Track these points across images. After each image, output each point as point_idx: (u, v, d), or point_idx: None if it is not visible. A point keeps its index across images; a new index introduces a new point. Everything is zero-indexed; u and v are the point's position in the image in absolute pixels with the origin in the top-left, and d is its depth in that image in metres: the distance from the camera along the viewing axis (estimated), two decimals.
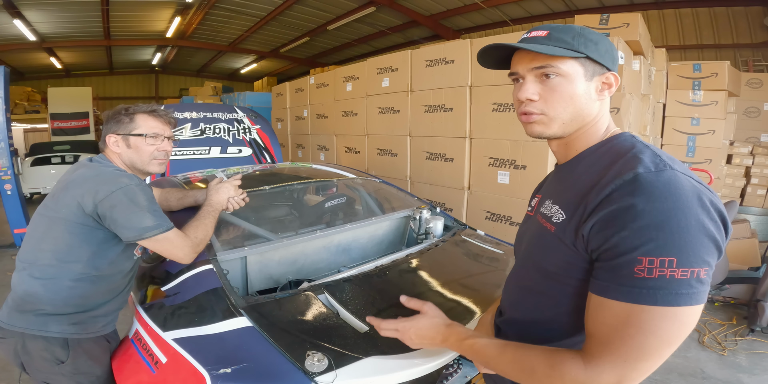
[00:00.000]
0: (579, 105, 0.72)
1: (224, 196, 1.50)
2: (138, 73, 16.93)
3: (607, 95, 0.74)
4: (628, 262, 0.57)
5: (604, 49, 0.72)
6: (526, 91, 0.73)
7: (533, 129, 0.75)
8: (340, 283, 1.44)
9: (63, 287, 1.17)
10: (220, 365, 1.01)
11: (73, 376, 1.19)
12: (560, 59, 0.70)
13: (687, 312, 0.56)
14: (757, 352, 2.60)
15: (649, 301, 0.55)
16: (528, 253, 0.81)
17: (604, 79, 0.73)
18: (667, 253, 0.55)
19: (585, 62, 0.71)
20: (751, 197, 4.64)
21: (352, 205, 2.42)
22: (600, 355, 0.59)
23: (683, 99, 4.09)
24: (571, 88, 0.71)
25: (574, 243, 0.67)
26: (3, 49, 10.72)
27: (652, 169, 0.60)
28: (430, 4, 8.87)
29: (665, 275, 0.55)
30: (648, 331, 0.56)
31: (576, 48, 0.70)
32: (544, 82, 0.72)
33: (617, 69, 0.75)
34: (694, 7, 7.14)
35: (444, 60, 3.24)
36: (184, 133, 3.06)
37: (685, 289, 0.55)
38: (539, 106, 0.73)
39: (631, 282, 0.57)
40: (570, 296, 0.72)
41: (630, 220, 0.57)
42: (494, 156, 2.97)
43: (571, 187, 0.72)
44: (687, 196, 0.57)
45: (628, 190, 0.59)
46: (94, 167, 1.24)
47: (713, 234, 0.56)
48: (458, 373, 1.26)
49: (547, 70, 0.71)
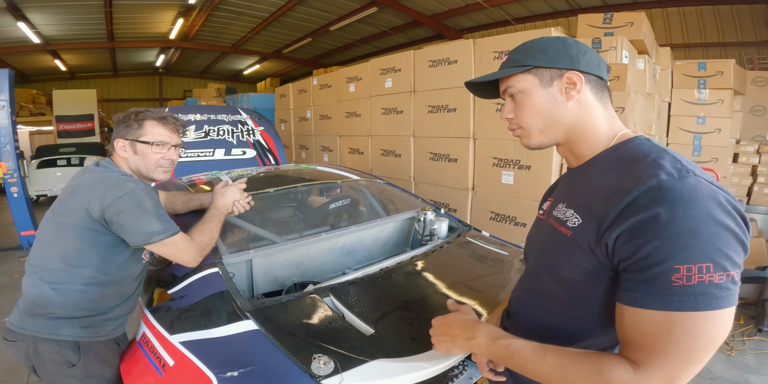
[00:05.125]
0: (546, 112, 0.76)
1: (230, 199, 1.51)
2: (142, 74, 17.03)
3: (576, 94, 0.74)
4: (665, 272, 0.57)
5: (555, 52, 0.74)
6: (503, 111, 0.83)
7: (522, 142, 0.84)
8: (345, 286, 1.44)
9: (74, 291, 1.19)
10: (227, 368, 1.02)
11: (84, 378, 1.21)
12: (514, 77, 0.78)
13: (726, 313, 0.56)
14: (765, 352, 2.59)
15: (692, 307, 0.56)
16: (541, 256, 0.81)
17: (566, 80, 0.74)
18: (704, 259, 0.55)
19: (538, 72, 0.76)
20: (758, 196, 4.60)
21: (356, 207, 2.43)
22: (647, 361, 0.59)
23: (688, 98, 4.06)
24: (531, 100, 0.77)
25: (593, 249, 0.66)
26: (8, 51, 10.82)
27: (675, 176, 0.60)
28: (432, 4, 8.85)
29: (704, 281, 0.55)
30: (695, 336, 0.56)
31: (523, 63, 0.76)
32: (514, 101, 0.80)
33: (586, 65, 0.74)
34: (698, 5, 7.08)
35: (447, 60, 3.24)
36: (189, 135, 3.07)
37: (723, 292, 0.56)
38: (515, 122, 0.81)
39: (670, 291, 0.57)
40: (583, 300, 0.72)
41: (661, 229, 0.57)
42: (498, 156, 2.96)
43: (587, 191, 0.72)
44: (712, 201, 0.57)
45: (654, 197, 0.59)
46: (100, 172, 1.25)
47: (741, 237, 0.58)
48: (463, 374, 1.27)
49: (509, 91, 0.80)
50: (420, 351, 1.12)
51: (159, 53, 13.70)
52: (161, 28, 10.83)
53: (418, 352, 1.12)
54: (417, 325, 1.28)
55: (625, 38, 2.86)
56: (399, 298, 1.42)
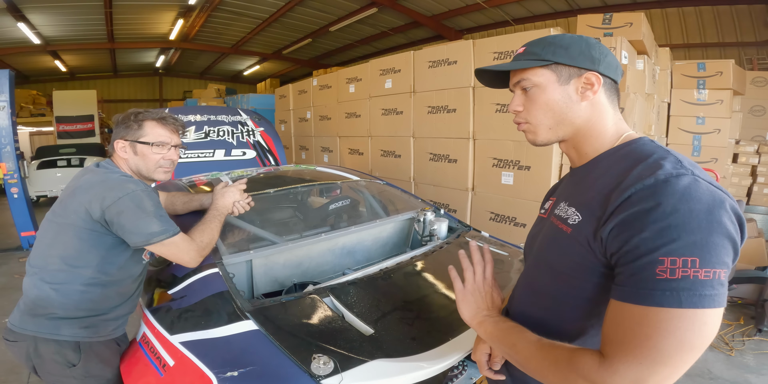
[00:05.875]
0: (559, 109, 0.76)
1: (230, 200, 1.51)
2: (142, 75, 17.05)
3: (591, 95, 0.75)
4: (650, 264, 0.56)
5: (577, 51, 0.74)
6: (512, 103, 0.81)
7: (527, 137, 0.83)
8: (345, 286, 1.44)
9: (74, 292, 1.19)
10: (227, 368, 1.02)
11: (84, 378, 1.21)
12: (530, 71, 0.76)
13: (710, 314, 0.54)
14: (765, 352, 2.59)
15: (673, 303, 0.54)
16: (541, 254, 0.82)
17: (584, 80, 0.74)
18: (690, 252, 0.54)
19: (557, 68, 0.75)
20: (758, 196, 4.61)
21: (356, 208, 2.43)
22: (614, 355, 0.58)
23: (688, 98, 4.07)
24: (546, 96, 0.76)
25: (591, 245, 0.67)
26: (8, 52, 10.84)
27: (673, 174, 0.60)
28: (431, 5, 8.87)
29: (689, 276, 0.54)
30: (666, 333, 0.54)
31: (543, 57, 0.74)
32: (526, 94, 0.78)
33: (605, 68, 0.75)
34: (698, 6, 7.10)
35: (447, 61, 3.25)
36: (189, 136, 3.08)
37: (708, 290, 0.54)
38: (524, 115, 0.80)
39: (653, 284, 0.55)
40: (580, 299, 0.72)
41: (650, 222, 0.57)
42: (498, 157, 2.97)
43: (588, 189, 0.72)
44: (707, 198, 0.57)
45: (648, 193, 0.59)
46: (100, 173, 1.25)
47: (733, 236, 0.56)
48: (463, 374, 1.27)
49: (522, 84, 0.78)
50: (419, 351, 1.13)
51: (159, 54, 13.72)
52: (161, 28, 10.85)
53: (418, 352, 1.12)
54: (416, 325, 1.28)
55: (624, 39, 2.87)
56: (398, 298, 1.42)
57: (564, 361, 0.63)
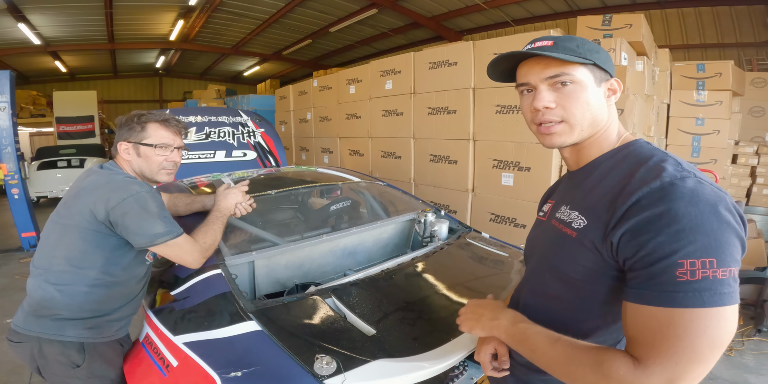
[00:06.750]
0: (594, 111, 0.74)
1: (232, 201, 1.52)
2: (142, 76, 17.04)
3: (612, 101, 0.77)
4: (669, 267, 0.57)
5: (605, 56, 0.76)
6: (543, 99, 0.73)
7: (553, 140, 0.76)
8: (346, 287, 1.45)
9: (79, 293, 1.20)
10: (231, 369, 1.03)
11: (88, 379, 1.22)
12: (572, 66, 0.72)
13: (730, 311, 0.56)
14: (764, 353, 2.60)
15: (696, 303, 0.56)
16: (544, 257, 0.82)
17: (609, 85, 0.76)
18: (707, 254, 0.56)
19: (593, 69, 0.74)
20: (757, 197, 4.62)
21: (357, 209, 2.44)
22: (648, 357, 0.58)
23: (687, 99, 4.08)
24: (586, 95, 0.73)
25: (598, 248, 0.68)
26: (8, 53, 10.83)
27: (677, 177, 0.62)
28: (431, 6, 8.88)
29: (708, 276, 0.55)
30: (698, 333, 0.55)
31: (584, 55, 0.72)
32: (559, 90, 0.73)
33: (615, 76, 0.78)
34: (697, 7, 7.11)
35: (447, 62, 3.25)
36: (190, 137, 3.08)
37: (726, 288, 0.56)
38: (558, 112, 0.73)
39: (674, 286, 0.57)
40: (590, 301, 0.73)
41: (665, 226, 0.58)
42: (498, 158, 2.98)
43: (591, 193, 0.73)
44: (713, 199, 0.59)
45: (657, 197, 0.61)
46: (104, 174, 1.26)
47: (740, 233, 0.59)
48: (464, 375, 1.28)
49: (561, 78, 0.72)
50: (421, 351, 1.14)
51: (159, 55, 13.71)
52: (161, 29, 10.85)
53: (419, 353, 1.13)
54: (418, 325, 1.29)
55: (624, 40, 2.88)
56: (400, 298, 1.43)
57: (591, 364, 0.63)
